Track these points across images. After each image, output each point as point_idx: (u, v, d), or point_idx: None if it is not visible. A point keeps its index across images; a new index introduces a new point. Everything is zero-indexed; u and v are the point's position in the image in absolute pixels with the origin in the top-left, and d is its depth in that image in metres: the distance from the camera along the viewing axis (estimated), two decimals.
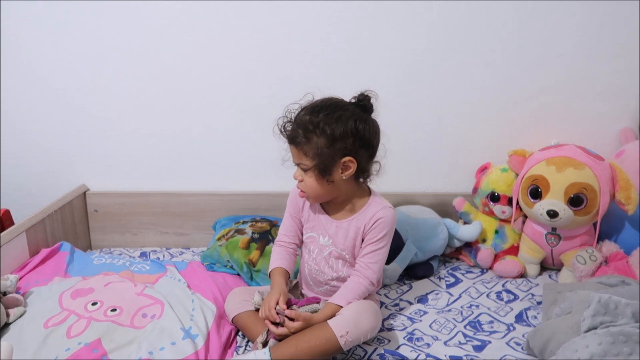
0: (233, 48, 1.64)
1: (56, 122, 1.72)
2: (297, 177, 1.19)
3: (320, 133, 1.11)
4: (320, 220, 1.26)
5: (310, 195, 1.20)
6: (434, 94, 1.67)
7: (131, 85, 1.68)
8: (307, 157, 1.14)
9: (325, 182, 1.16)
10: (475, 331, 1.27)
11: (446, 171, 1.76)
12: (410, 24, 1.60)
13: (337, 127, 1.11)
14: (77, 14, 1.61)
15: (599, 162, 1.45)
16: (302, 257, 1.33)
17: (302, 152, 1.14)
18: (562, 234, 1.50)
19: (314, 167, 1.14)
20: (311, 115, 1.13)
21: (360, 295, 1.20)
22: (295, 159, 1.18)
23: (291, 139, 1.15)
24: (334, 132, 1.11)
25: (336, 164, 1.14)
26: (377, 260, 1.22)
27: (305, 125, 1.12)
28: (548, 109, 1.68)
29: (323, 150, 1.12)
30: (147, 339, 1.12)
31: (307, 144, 1.13)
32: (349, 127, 1.12)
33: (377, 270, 1.22)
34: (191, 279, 1.42)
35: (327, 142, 1.12)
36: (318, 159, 1.13)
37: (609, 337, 0.95)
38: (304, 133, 1.12)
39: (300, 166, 1.17)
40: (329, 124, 1.11)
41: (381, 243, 1.21)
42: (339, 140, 1.12)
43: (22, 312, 1.20)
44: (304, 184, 1.18)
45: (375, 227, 1.20)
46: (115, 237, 1.79)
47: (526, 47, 1.62)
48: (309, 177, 1.16)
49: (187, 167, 1.77)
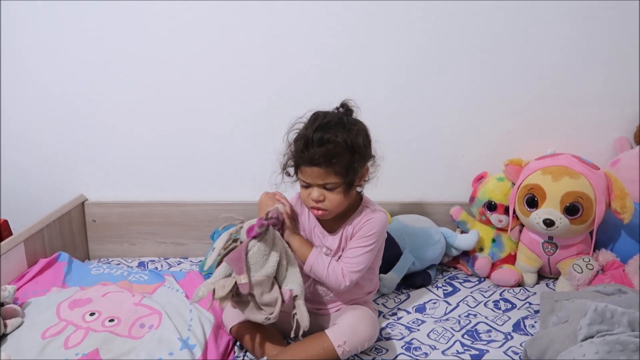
0: (232, 59, 1.65)
1: (55, 132, 1.73)
2: (319, 197, 1.14)
3: (348, 148, 1.10)
4: (316, 231, 1.25)
5: (332, 212, 1.17)
6: (430, 103, 1.69)
7: (130, 95, 1.69)
8: (336, 176, 1.11)
9: (349, 195, 1.16)
10: (473, 340, 1.27)
11: (443, 180, 1.77)
12: (406, 33, 1.62)
13: (357, 139, 1.12)
14: (77, 23, 1.62)
15: (594, 171, 1.46)
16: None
17: (332, 171, 1.11)
18: (558, 243, 1.50)
19: (344, 183, 1.13)
20: (336, 132, 1.10)
21: (326, 273, 1.16)
22: (316, 180, 1.13)
23: (316, 160, 1.10)
24: (357, 145, 1.12)
25: (359, 175, 1.16)
26: (359, 262, 1.17)
27: (331, 143, 1.09)
28: (544, 119, 1.70)
29: (353, 165, 1.12)
30: (145, 349, 1.12)
31: (336, 163, 1.10)
32: (363, 136, 1.14)
33: (356, 270, 1.16)
34: (189, 288, 1.42)
35: (354, 156, 1.12)
36: (349, 174, 1.12)
37: (606, 345, 0.95)
38: (333, 151, 1.09)
39: (326, 186, 1.13)
40: (353, 138, 1.11)
41: (366, 241, 1.18)
42: (361, 151, 1.13)
43: (19, 322, 1.20)
44: (327, 202, 1.14)
45: (363, 228, 1.19)
46: (114, 247, 1.79)
47: (522, 57, 1.64)
48: (335, 195, 1.13)
49: (185, 177, 1.77)
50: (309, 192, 1.15)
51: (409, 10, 1.60)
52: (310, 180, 1.13)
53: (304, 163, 1.12)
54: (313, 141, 1.10)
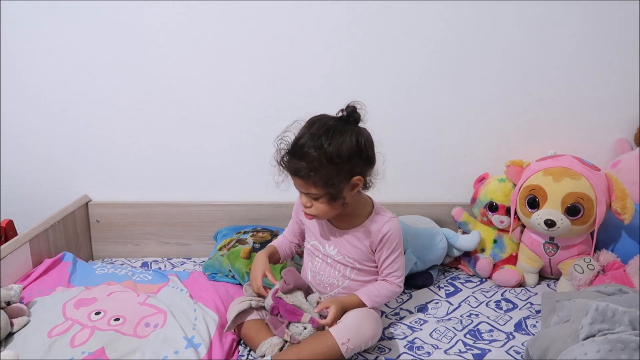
0: (235, 61, 1.66)
1: (59, 133, 1.74)
2: (306, 203, 1.17)
3: (327, 162, 1.09)
4: (325, 229, 1.28)
5: (320, 217, 1.21)
6: (432, 106, 1.70)
7: (133, 97, 1.70)
8: (315, 187, 1.12)
9: (337, 204, 1.17)
10: (475, 340, 1.28)
11: (445, 181, 1.78)
12: (409, 37, 1.63)
13: (342, 152, 1.09)
14: (81, 25, 1.63)
15: (594, 172, 1.47)
16: (304, 264, 1.35)
17: (310, 183, 1.12)
18: (559, 243, 1.51)
19: (325, 195, 1.13)
20: (312, 144, 1.09)
21: (385, 295, 1.25)
22: (301, 189, 1.16)
23: (295, 172, 1.12)
24: (340, 158, 1.09)
25: (346, 187, 1.15)
26: (397, 267, 1.26)
27: (309, 157, 1.09)
28: (545, 120, 1.71)
29: (332, 180, 1.11)
30: (151, 348, 1.13)
31: (314, 176, 1.10)
32: (352, 148, 1.11)
33: (400, 274, 1.27)
34: (193, 288, 1.43)
35: (335, 169, 1.10)
36: (328, 187, 1.12)
37: (607, 344, 0.96)
38: (310, 165, 1.09)
39: (309, 196, 1.15)
40: (333, 151, 1.08)
41: (395, 253, 1.25)
42: (346, 164, 1.11)
43: (25, 321, 1.21)
44: (313, 209, 1.17)
45: (385, 243, 1.23)
46: (117, 248, 1.80)
47: (523, 60, 1.65)
48: (320, 204, 1.15)
49: (189, 177, 1.78)
50: (300, 196, 1.20)
51: (412, 15, 1.61)
52: (297, 187, 1.17)
53: (288, 171, 1.16)
54: (294, 153, 1.12)
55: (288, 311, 1.18)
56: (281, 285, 1.21)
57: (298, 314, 1.17)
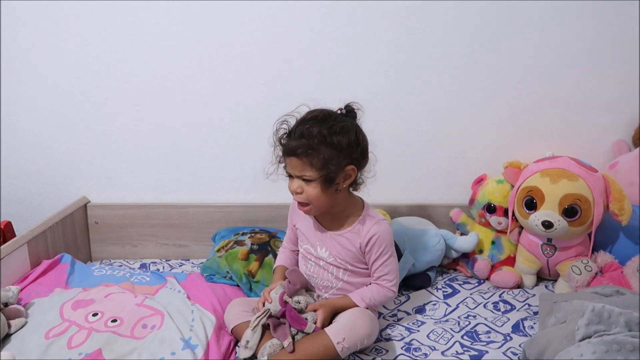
0: (232, 62, 1.66)
1: (58, 134, 1.74)
2: (297, 189, 1.18)
3: (329, 144, 1.13)
4: (316, 232, 1.28)
5: (314, 205, 1.19)
6: (430, 106, 1.70)
7: (131, 99, 1.70)
8: (312, 169, 1.14)
9: (329, 192, 1.17)
10: (473, 341, 1.28)
11: (443, 183, 1.78)
12: (406, 34, 1.63)
13: (344, 138, 1.13)
14: (80, 25, 1.63)
15: (592, 174, 1.47)
16: (299, 268, 1.35)
17: (308, 163, 1.14)
18: (557, 245, 1.51)
19: (320, 177, 1.14)
20: (314, 124, 1.13)
21: (378, 298, 1.25)
22: (295, 171, 1.17)
23: (294, 150, 1.14)
24: (341, 143, 1.13)
25: (340, 173, 1.16)
26: (389, 271, 1.25)
27: (310, 135, 1.13)
28: (542, 122, 1.71)
29: (331, 161, 1.13)
30: (148, 349, 1.13)
31: (314, 155, 1.13)
32: (353, 137, 1.15)
33: (392, 278, 1.26)
34: (191, 290, 1.43)
35: (335, 152, 1.13)
36: (325, 169, 1.13)
37: (603, 345, 0.96)
38: (310, 142, 1.12)
39: (303, 178, 1.16)
40: (335, 135, 1.13)
41: (385, 255, 1.24)
42: (345, 150, 1.14)
43: (23, 323, 1.21)
44: (304, 195, 1.17)
45: (374, 245, 1.22)
46: (116, 249, 1.80)
47: (521, 60, 1.65)
48: (312, 188, 1.16)
49: (187, 179, 1.79)
50: (291, 183, 1.20)
51: (409, 11, 1.61)
52: (290, 170, 1.18)
53: (285, 153, 1.17)
54: (295, 132, 1.15)
55: (293, 318, 1.18)
56: (287, 286, 1.21)
57: (303, 322, 1.17)
